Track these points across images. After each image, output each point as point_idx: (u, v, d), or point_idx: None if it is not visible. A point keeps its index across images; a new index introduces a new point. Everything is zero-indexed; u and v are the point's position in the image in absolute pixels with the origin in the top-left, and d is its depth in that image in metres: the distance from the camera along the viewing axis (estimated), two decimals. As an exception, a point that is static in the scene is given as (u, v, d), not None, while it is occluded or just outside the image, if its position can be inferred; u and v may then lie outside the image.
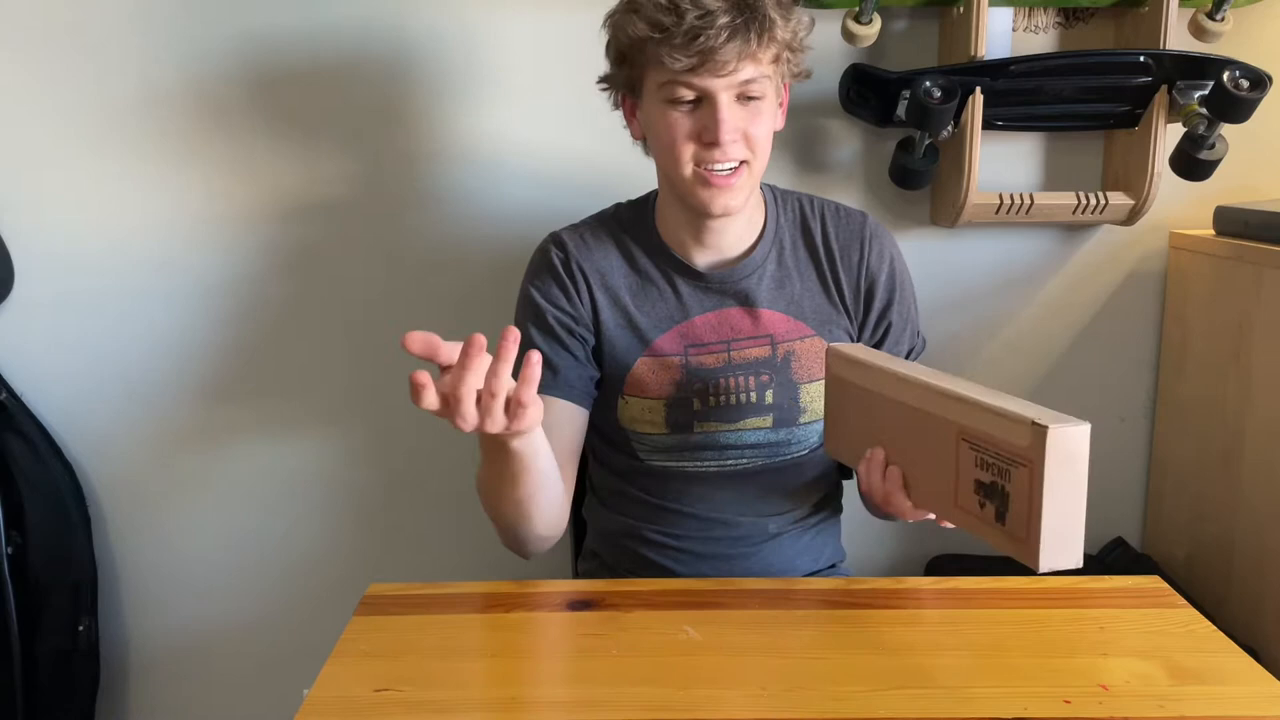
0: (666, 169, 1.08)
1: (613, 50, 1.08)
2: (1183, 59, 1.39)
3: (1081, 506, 0.79)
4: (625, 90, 1.10)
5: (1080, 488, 0.78)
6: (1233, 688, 0.84)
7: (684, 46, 0.98)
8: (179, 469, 1.58)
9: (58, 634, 1.53)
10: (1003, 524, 0.82)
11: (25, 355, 1.52)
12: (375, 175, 1.50)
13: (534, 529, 1.06)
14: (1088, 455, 0.78)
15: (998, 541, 0.83)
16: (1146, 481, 1.63)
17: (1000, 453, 0.81)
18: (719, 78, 1.00)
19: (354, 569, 1.61)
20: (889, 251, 1.17)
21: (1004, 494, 0.81)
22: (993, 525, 0.83)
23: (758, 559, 1.18)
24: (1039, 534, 0.78)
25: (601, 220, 1.19)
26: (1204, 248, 1.47)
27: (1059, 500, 0.78)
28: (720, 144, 1.02)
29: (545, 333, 1.13)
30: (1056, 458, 0.77)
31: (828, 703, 0.82)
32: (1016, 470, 0.79)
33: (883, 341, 1.18)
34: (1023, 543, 0.80)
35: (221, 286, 1.52)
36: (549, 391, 1.11)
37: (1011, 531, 0.81)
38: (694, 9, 0.98)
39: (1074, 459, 0.77)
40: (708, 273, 1.14)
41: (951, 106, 1.35)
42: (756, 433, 1.14)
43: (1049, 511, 0.78)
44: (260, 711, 1.62)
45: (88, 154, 1.47)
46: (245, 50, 1.45)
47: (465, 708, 0.82)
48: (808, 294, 1.15)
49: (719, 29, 0.97)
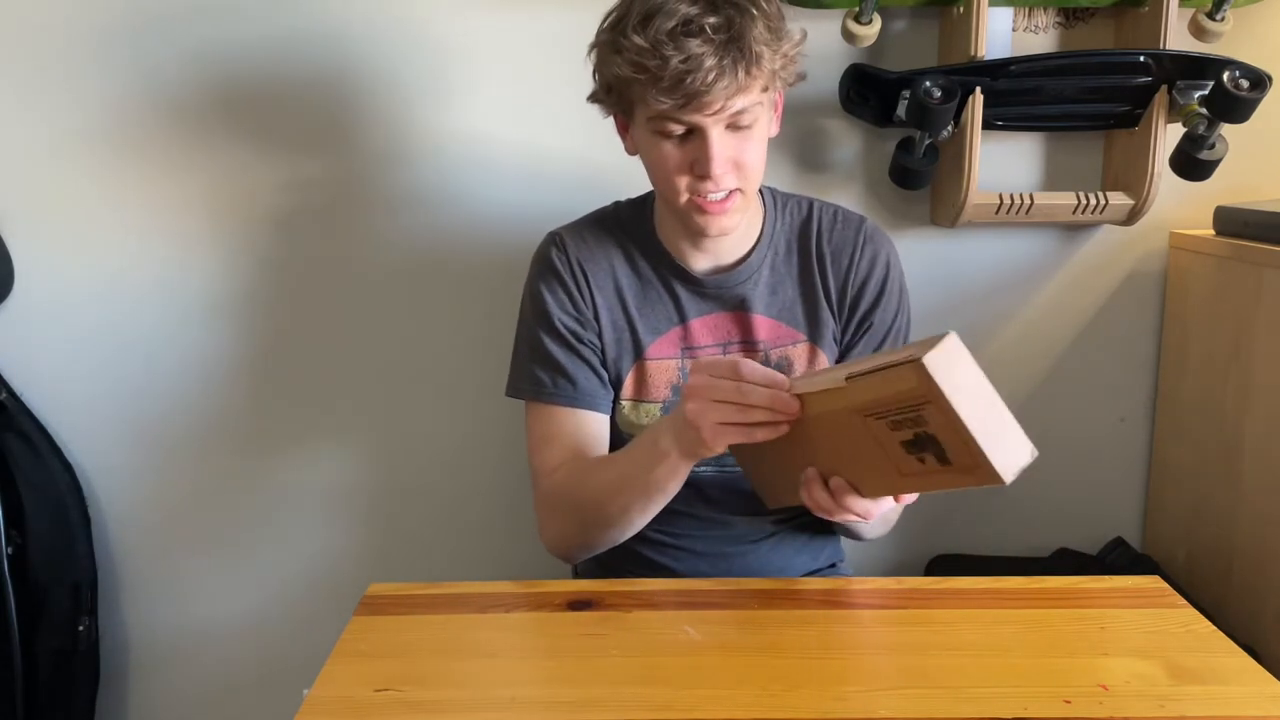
0: (662, 193, 1.08)
1: (599, 80, 1.06)
2: (1183, 59, 1.39)
3: (997, 401, 0.76)
4: (618, 111, 1.08)
5: (984, 386, 0.76)
6: (1233, 688, 0.84)
7: (671, 90, 0.96)
8: (179, 469, 1.58)
9: (58, 634, 1.53)
10: (949, 464, 0.80)
11: (25, 355, 1.52)
12: (374, 175, 1.50)
13: (626, 535, 1.09)
14: (969, 355, 0.76)
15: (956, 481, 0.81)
16: (1146, 481, 1.63)
17: (902, 406, 0.78)
18: (708, 116, 0.98)
19: (354, 569, 1.61)
20: (882, 256, 1.16)
21: (931, 438, 0.79)
22: (943, 471, 0.81)
23: (756, 557, 1.18)
24: (980, 450, 0.75)
25: (600, 219, 1.19)
26: (1204, 248, 1.47)
27: (977, 410, 0.75)
28: (712, 176, 1.01)
29: (556, 339, 1.13)
30: (947, 377, 0.75)
31: (828, 703, 0.82)
32: (925, 411, 0.77)
33: (857, 342, 1.16)
34: (975, 469, 0.78)
35: (221, 287, 1.52)
36: (571, 404, 1.12)
37: (959, 465, 0.79)
38: (678, 53, 0.94)
39: (961, 366, 0.76)
40: (704, 278, 1.14)
41: (951, 106, 1.35)
42: None
43: (975, 426, 0.75)
44: (260, 711, 1.62)
45: (88, 155, 1.47)
46: (245, 53, 1.45)
47: (465, 708, 0.82)
48: (800, 299, 1.15)
49: (705, 71, 0.94)
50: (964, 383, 0.76)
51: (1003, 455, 0.76)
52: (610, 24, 1.02)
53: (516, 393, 1.16)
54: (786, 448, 0.92)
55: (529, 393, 1.14)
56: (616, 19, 1.01)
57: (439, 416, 1.58)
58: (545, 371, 1.13)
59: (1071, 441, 1.60)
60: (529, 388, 1.14)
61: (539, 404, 1.14)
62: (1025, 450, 0.76)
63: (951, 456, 0.79)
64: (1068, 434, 1.60)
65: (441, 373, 1.56)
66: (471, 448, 1.58)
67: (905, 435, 0.80)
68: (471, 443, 1.58)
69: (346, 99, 1.47)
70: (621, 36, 0.98)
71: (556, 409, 1.12)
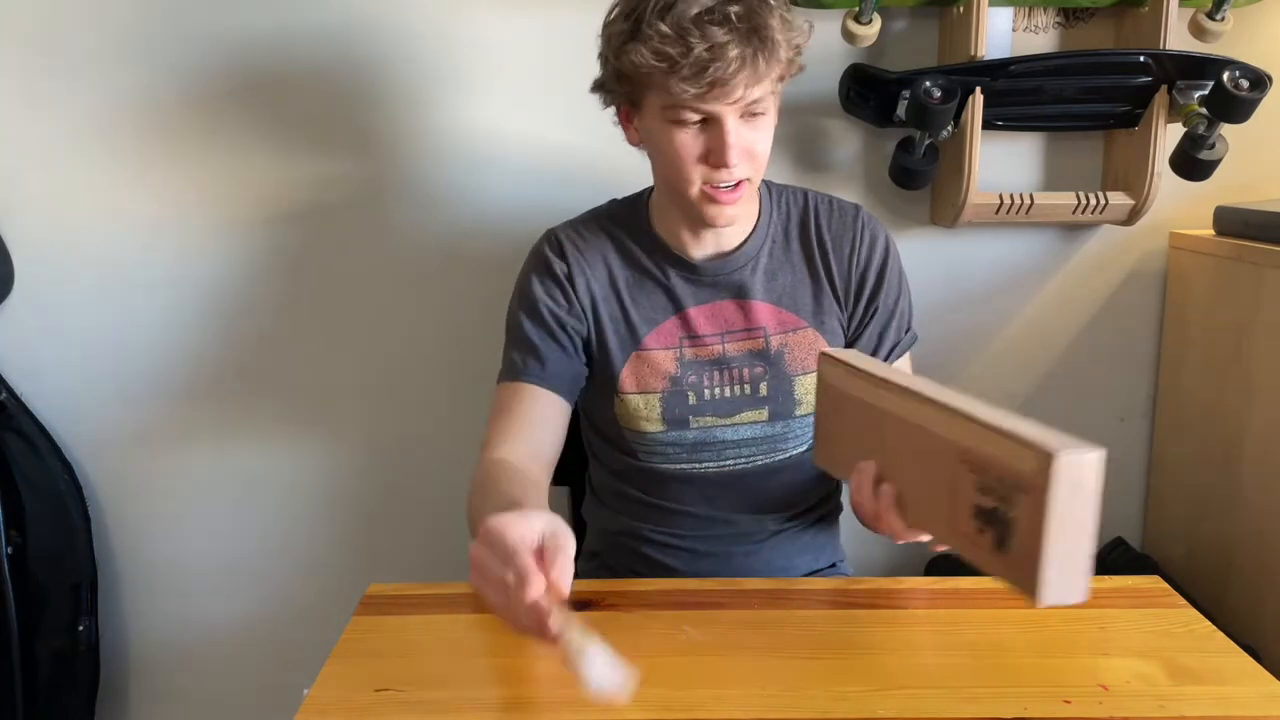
0: (671, 183, 1.07)
1: (610, 67, 1.05)
2: (1183, 59, 1.39)
3: (1089, 538, 0.73)
4: (624, 102, 1.07)
5: (1090, 518, 0.73)
6: (1233, 688, 0.84)
7: (693, 79, 0.96)
8: (179, 469, 1.58)
9: (58, 634, 1.53)
10: (1003, 552, 0.76)
11: (25, 355, 1.53)
12: (373, 176, 1.50)
13: None
14: (1100, 484, 0.73)
15: (996, 569, 0.78)
16: (1146, 481, 1.63)
17: (1004, 477, 0.75)
18: (727, 105, 0.99)
19: (354, 569, 1.61)
20: (881, 241, 1.17)
21: (1005, 521, 0.75)
22: (992, 553, 0.78)
23: (758, 557, 1.18)
24: (1041, 566, 0.72)
25: (596, 216, 1.19)
26: (1204, 248, 1.47)
27: (1065, 531, 0.72)
28: (728, 165, 1.01)
29: (536, 322, 1.13)
30: (1064, 486, 0.72)
31: (828, 703, 0.82)
32: (1020, 497, 0.74)
33: (865, 328, 1.17)
34: (1024, 574, 0.74)
35: (221, 288, 1.52)
36: (537, 382, 1.12)
37: (1012, 561, 0.76)
38: (702, 41, 0.94)
39: (1083, 488, 0.72)
40: (702, 265, 1.14)
41: (951, 106, 1.35)
42: (753, 427, 1.14)
43: (1053, 543, 0.72)
44: (260, 711, 1.62)
45: (87, 155, 1.47)
46: (249, 50, 1.45)
47: (465, 708, 0.82)
48: (800, 286, 1.15)
49: (729, 60, 0.95)
50: (1076, 502, 0.72)
51: (1055, 586, 0.73)
52: (624, 13, 1.01)
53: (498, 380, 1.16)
54: (867, 431, 0.89)
55: (503, 375, 1.14)
56: (631, 7, 1.00)
57: (440, 416, 1.58)
58: (519, 353, 1.13)
59: (1071, 441, 1.60)
60: (504, 370, 1.15)
61: (505, 381, 1.14)
62: (1078, 593, 0.74)
63: (1011, 549, 0.76)
64: (1068, 434, 1.60)
65: (443, 372, 1.56)
66: (472, 447, 1.58)
67: (984, 502, 0.78)
68: (472, 442, 1.57)
69: (351, 96, 1.47)
70: (642, 24, 0.97)
71: (519, 385, 1.12)
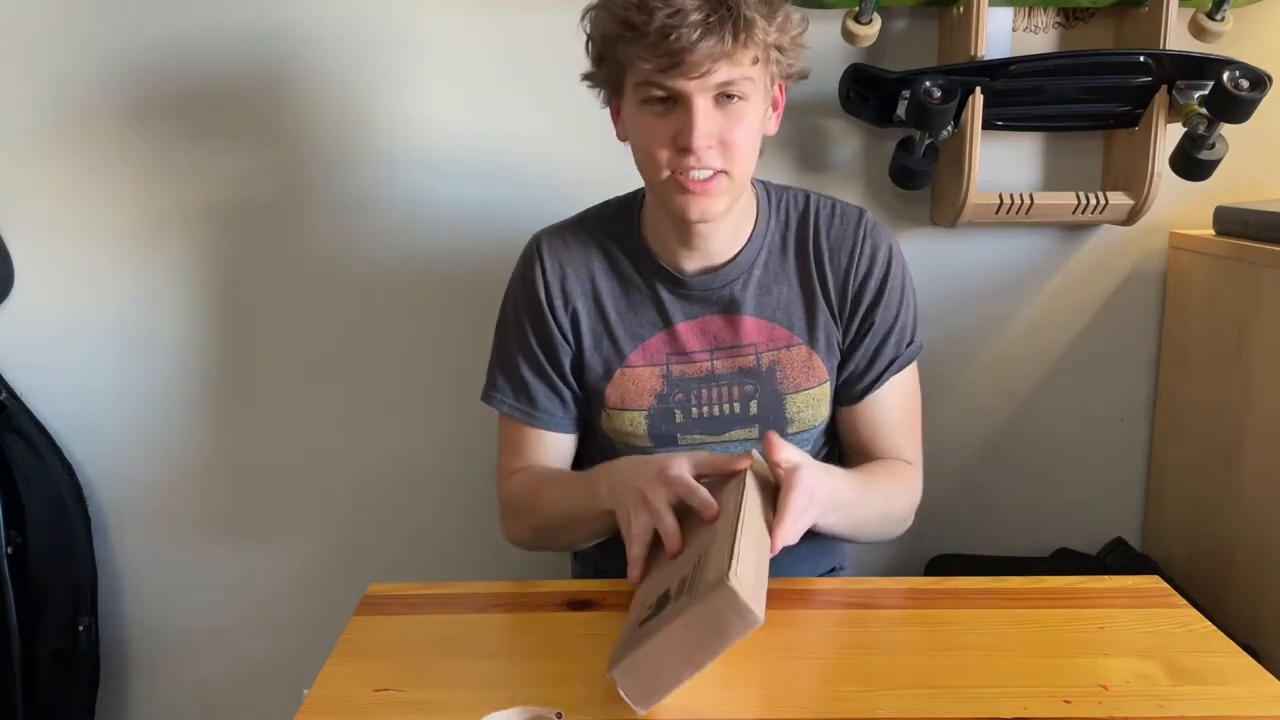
0: (644, 173, 1.05)
1: (591, 48, 1.04)
2: (1183, 59, 1.39)
3: (689, 672, 0.76)
4: (609, 89, 1.06)
5: (703, 657, 0.76)
6: (1233, 688, 0.84)
7: (655, 46, 0.93)
8: (178, 469, 1.58)
9: (58, 634, 1.53)
10: (639, 624, 0.81)
11: (25, 355, 1.52)
12: (371, 176, 1.50)
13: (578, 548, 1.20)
14: (735, 639, 0.75)
15: (625, 637, 0.83)
16: (1146, 481, 1.63)
17: (697, 576, 0.79)
18: (692, 79, 0.95)
19: (354, 569, 1.60)
20: (883, 251, 1.12)
21: (665, 605, 0.80)
22: (635, 623, 0.83)
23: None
24: (635, 654, 0.77)
25: (584, 221, 1.16)
26: (1204, 248, 1.47)
27: (674, 648, 0.76)
28: (694, 150, 0.97)
29: (529, 362, 1.14)
30: (715, 609, 0.74)
31: (828, 703, 0.82)
32: (685, 598, 0.77)
33: (860, 343, 1.12)
34: (624, 647, 0.80)
35: (223, 287, 1.52)
36: (531, 423, 1.15)
37: (630, 633, 0.82)
38: (664, 7, 0.92)
39: (722, 628, 0.74)
40: (691, 280, 1.10)
41: (951, 106, 1.35)
42: (744, 445, 1.11)
43: (659, 647, 0.76)
44: (260, 711, 1.62)
45: (86, 154, 1.47)
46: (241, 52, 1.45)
47: (465, 708, 0.82)
48: (794, 300, 1.11)
49: (690, 26, 0.92)
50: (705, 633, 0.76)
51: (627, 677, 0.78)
52: None
53: (487, 398, 1.18)
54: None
55: (496, 401, 1.17)
56: None
57: (440, 416, 1.58)
58: (509, 383, 1.16)
59: (1071, 441, 1.60)
60: (495, 395, 1.17)
61: (509, 419, 1.17)
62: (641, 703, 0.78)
63: (642, 626, 0.81)
64: (1068, 434, 1.60)
65: (442, 371, 1.56)
66: (472, 447, 1.58)
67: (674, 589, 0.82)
68: (472, 442, 1.58)
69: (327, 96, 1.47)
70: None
71: (525, 429, 1.16)
